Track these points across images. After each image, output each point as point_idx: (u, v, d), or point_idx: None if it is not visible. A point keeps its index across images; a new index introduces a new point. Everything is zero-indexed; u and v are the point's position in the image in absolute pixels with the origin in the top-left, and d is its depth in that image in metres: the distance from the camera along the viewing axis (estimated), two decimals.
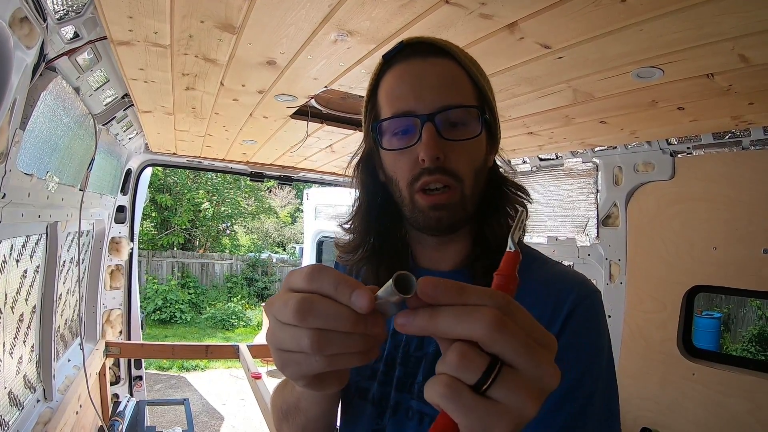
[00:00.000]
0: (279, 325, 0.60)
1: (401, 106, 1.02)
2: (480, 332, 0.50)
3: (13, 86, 1.60)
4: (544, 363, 0.51)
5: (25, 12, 1.50)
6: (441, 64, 1.03)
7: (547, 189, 3.54)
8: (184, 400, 5.25)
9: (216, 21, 1.60)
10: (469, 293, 0.52)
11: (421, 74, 1.02)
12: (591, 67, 1.79)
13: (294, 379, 0.66)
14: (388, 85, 1.06)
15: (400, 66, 1.05)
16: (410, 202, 1.04)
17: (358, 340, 0.57)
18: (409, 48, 1.05)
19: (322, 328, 0.57)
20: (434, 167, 0.99)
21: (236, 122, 2.95)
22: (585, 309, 0.97)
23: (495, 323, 0.50)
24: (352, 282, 0.57)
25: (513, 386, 0.50)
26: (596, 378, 0.93)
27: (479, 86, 1.06)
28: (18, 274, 2.47)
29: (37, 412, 2.72)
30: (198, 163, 4.69)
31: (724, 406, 2.45)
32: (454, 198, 1.01)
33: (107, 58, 2.22)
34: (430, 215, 1.02)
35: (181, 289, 16.77)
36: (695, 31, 1.42)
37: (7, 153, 1.74)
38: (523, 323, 0.52)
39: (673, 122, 2.35)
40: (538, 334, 0.53)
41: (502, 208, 1.11)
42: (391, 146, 1.05)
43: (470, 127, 1.02)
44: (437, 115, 0.99)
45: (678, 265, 2.70)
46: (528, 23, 1.48)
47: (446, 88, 1.01)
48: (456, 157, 1.00)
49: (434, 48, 1.05)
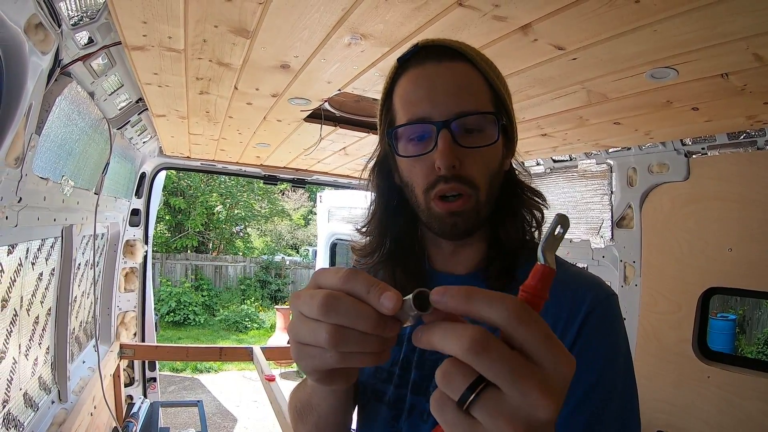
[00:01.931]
0: (302, 318, 0.62)
1: (417, 111, 1.01)
2: (459, 352, 0.49)
3: (28, 92, 1.61)
4: (533, 390, 0.48)
5: (40, 18, 1.51)
6: (456, 67, 1.02)
7: (561, 191, 3.52)
8: (197, 401, 5.28)
9: (230, 25, 1.61)
10: (477, 300, 0.51)
11: (436, 79, 1.01)
12: (605, 68, 1.78)
13: (307, 371, 0.68)
14: (403, 90, 1.06)
15: (415, 70, 1.04)
16: (426, 208, 1.04)
17: (374, 341, 0.59)
18: (424, 51, 1.05)
19: (343, 325, 0.58)
20: (450, 175, 0.98)
21: (250, 125, 2.97)
22: (602, 311, 0.97)
23: (474, 344, 0.49)
24: (384, 285, 0.58)
25: (494, 409, 0.48)
26: (614, 379, 0.93)
27: (495, 89, 1.05)
28: (34, 276, 2.49)
29: (52, 413, 2.74)
30: (212, 167, 4.72)
31: (739, 408, 2.43)
32: (469, 205, 1.01)
33: (121, 62, 2.24)
34: (446, 221, 1.02)
35: (195, 291, 16.88)
36: (709, 30, 1.41)
37: (23, 157, 1.75)
38: (528, 340, 0.50)
39: (687, 122, 2.33)
40: (545, 354, 0.50)
41: (517, 212, 1.11)
42: (406, 152, 1.05)
43: (487, 133, 1.01)
44: (453, 122, 0.98)
45: (693, 266, 2.68)
46: (541, 25, 1.48)
47: (462, 93, 1.00)
48: (472, 164, 1.00)
49: (449, 51, 1.04)
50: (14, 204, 1.81)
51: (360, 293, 0.59)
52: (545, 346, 0.50)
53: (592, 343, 0.94)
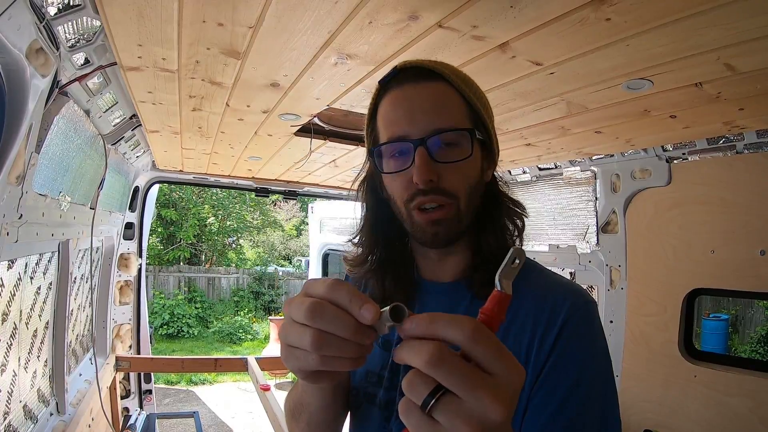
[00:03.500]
0: (291, 322, 0.69)
1: (396, 130, 1.06)
2: (421, 364, 0.57)
3: (29, 112, 1.67)
4: (484, 396, 0.56)
5: (41, 43, 1.57)
6: (433, 87, 1.07)
7: (548, 198, 3.57)
8: (194, 412, 5.28)
9: (221, 48, 1.67)
10: (438, 324, 0.60)
11: (414, 99, 1.06)
12: (582, 81, 1.83)
13: (294, 371, 0.74)
14: (384, 110, 1.11)
15: (394, 91, 1.09)
16: (408, 218, 1.09)
17: (352, 347, 0.66)
18: (402, 73, 1.09)
19: (326, 330, 0.66)
20: (428, 188, 1.03)
21: (242, 140, 3.01)
22: (579, 318, 1.01)
23: (431, 358, 0.56)
24: (364, 297, 0.66)
25: (452, 412, 0.56)
26: (591, 385, 0.97)
27: (472, 105, 1.10)
28: (32, 290, 2.53)
29: (51, 426, 2.77)
30: (204, 180, 4.75)
31: (726, 406, 2.46)
32: (449, 214, 1.06)
33: (116, 81, 2.29)
34: (427, 230, 1.07)
35: (188, 303, 16.78)
36: (680, 43, 1.46)
37: (24, 175, 1.80)
38: (482, 354, 0.58)
39: (666, 130, 2.38)
40: (497, 365, 0.58)
41: (498, 222, 1.15)
42: (388, 169, 1.10)
43: (462, 147, 1.05)
44: (429, 139, 1.03)
45: (677, 268, 2.72)
46: (518, 43, 1.54)
47: (438, 111, 1.05)
48: (450, 177, 1.04)
49: (426, 72, 1.08)
50: (15, 220, 1.86)
51: (343, 303, 0.66)
52: (497, 359, 0.58)
53: (569, 350, 0.98)
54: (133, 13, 1.45)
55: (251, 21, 1.47)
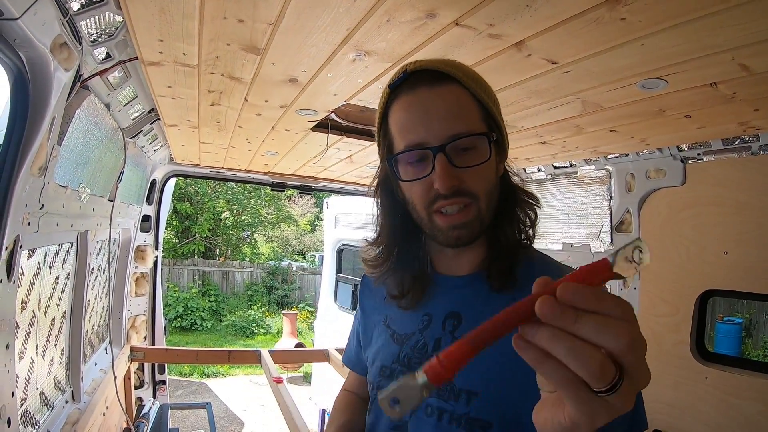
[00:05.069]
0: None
1: (413, 138, 1.07)
2: (619, 348, 0.54)
3: (52, 106, 1.70)
4: (647, 372, 0.57)
5: (65, 38, 1.60)
6: (447, 91, 1.07)
7: (562, 196, 3.58)
8: (206, 404, 5.32)
9: (241, 44, 1.69)
10: (607, 302, 0.55)
11: (429, 104, 1.07)
12: (597, 80, 1.84)
13: None
14: (397, 116, 1.11)
15: (407, 96, 1.10)
16: (429, 222, 1.10)
17: None
18: (414, 76, 1.10)
19: None
20: (450, 193, 1.05)
21: (259, 135, 3.03)
22: None
23: (632, 341, 0.54)
24: None
25: (625, 394, 0.55)
26: None
27: (484, 105, 1.11)
28: (51, 280, 2.57)
29: (66, 413, 2.81)
30: (221, 174, 4.78)
31: (737, 408, 2.45)
32: (471, 215, 1.08)
33: (136, 75, 2.32)
34: (450, 234, 1.09)
35: (202, 296, 16.90)
36: (694, 43, 1.46)
37: (46, 167, 1.84)
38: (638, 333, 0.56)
39: (681, 129, 2.37)
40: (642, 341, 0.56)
41: (513, 214, 1.17)
42: (406, 176, 1.11)
43: (479, 150, 1.07)
44: (448, 145, 1.04)
45: (690, 269, 2.71)
46: (534, 41, 1.55)
47: (454, 117, 1.06)
48: (471, 180, 1.06)
49: (438, 74, 1.09)
50: (37, 211, 1.90)
51: None
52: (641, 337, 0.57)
53: None
54: (155, 8, 1.48)
55: (271, 18, 1.49)
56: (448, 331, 1.13)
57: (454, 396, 1.05)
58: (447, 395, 1.06)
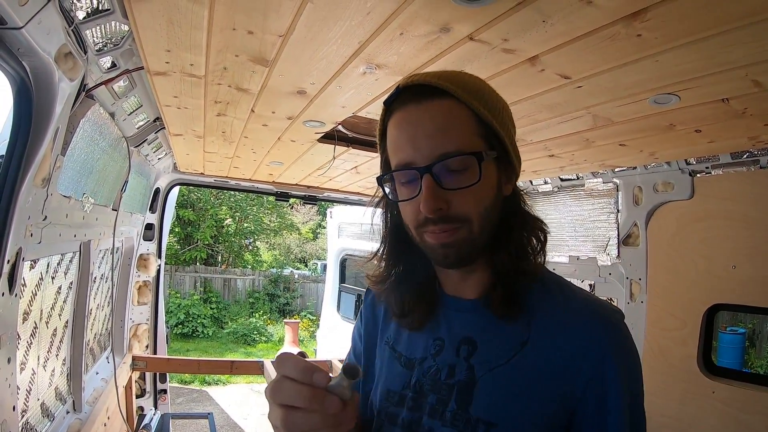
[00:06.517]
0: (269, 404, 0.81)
1: (402, 157, 1.02)
2: None
3: (56, 116, 1.68)
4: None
5: (70, 47, 1.58)
6: (437, 106, 1.00)
7: (569, 209, 3.56)
8: (208, 413, 5.29)
9: (250, 55, 1.67)
10: None
11: (417, 121, 1.01)
12: (609, 95, 1.83)
13: None
14: (390, 134, 1.06)
15: (399, 113, 1.03)
16: (420, 241, 1.06)
17: (318, 418, 0.77)
18: (405, 92, 1.04)
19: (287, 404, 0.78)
20: (437, 217, 0.99)
21: (264, 145, 3.02)
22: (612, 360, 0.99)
23: None
24: (312, 366, 0.78)
25: None
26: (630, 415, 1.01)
27: (483, 119, 1.02)
28: (53, 290, 2.55)
29: (67, 423, 2.79)
30: (225, 183, 4.77)
31: (744, 424, 2.43)
32: (460, 236, 1.01)
33: (141, 84, 2.31)
34: (439, 252, 1.04)
35: (204, 303, 16.85)
36: (708, 60, 1.46)
37: (49, 178, 1.82)
38: None
39: (690, 143, 2.36)
40: None
41: (514, 239, 1.09)
42: (400, 196, 1.07)
43: (472, 170, 0.99)
44: (435, 166, 0.98)
45: (698, 283, 2.69)
46: (548, 56, 1.53)
47: (442, 134, 0.99)
48: (461, 203, 1.00)
49: (429, 89, 1.01)
50: (40, 222, 1.88)
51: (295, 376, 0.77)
52: None
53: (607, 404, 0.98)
54: (163, 18, 1.46)
55: (282, 30, 1.47)
56: (463, 357, 1.07)
57: (471, 427, 1.01)
58: (464, 426, 1.01)
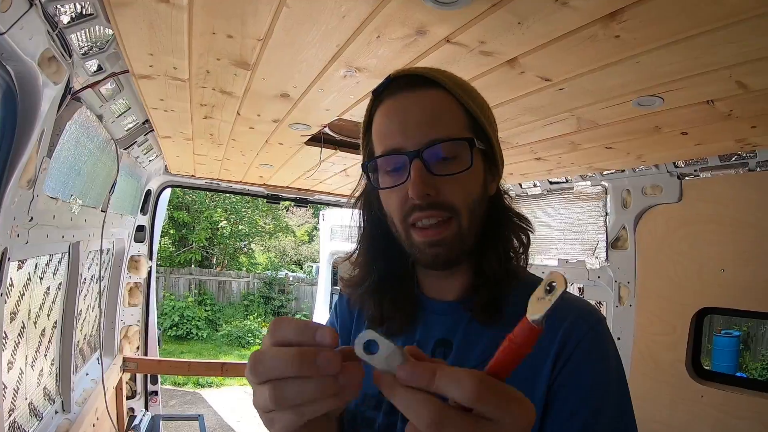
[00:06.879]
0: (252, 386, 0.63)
1: (390, 143, 1.01)
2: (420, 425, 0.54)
3: (41, 118, 1.69)
4: None
5: (53, 52, 1.59)
6: (428, 95, 1.01)
7: (558, 212, 3.56)
8: (198, 415, 5.28)
9: (231, 59, 1.69)
10: (441, 379, 0.55)
11: (408, 108, 1.00)
12: (592, 97, 1.83)
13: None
14: (378, 122, 1.05)
15: (388, 102, 1.03)
16: (406, 237, 1.03)
17: (312, 385, 0.58)
18: (396, 82, 1.04)
19: (275, 378, 0.59)
20: (425, 203, 0.97)
21: (253, 148, 3.03)
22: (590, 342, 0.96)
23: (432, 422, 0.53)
24: (314, 324, 0.60)
25: None
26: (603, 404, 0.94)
27: (471, 113, 1.03)
28: (41, 291, 2.56)
29: (56, 424, 2.79)
30: (216, 185, 4.78)
31: (733, 428, 2.42)
32: (450, 231, 1.00)
33: (129, 87, 2.32)
34: (427, 252, 1.01)
35: (198, 306, 16.80)
36: (691, 61, 1.46)
37: (35, 180, 1.83)
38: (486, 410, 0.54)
39: (678, 146, 2.37)
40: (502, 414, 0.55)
41: (500, 240, 1.09)
42: (384, 184, 1.04)
43: (461, 159, 0.99)
44: (425, 151, 0.97)
45: (686, 287, 2.69)
46: (527, 59, 1.54)
47: (433, 121, 0.99)
48: (449, 191, 0.98)
49: (421, 79, 1.02)
50: (26, 223, 1.89)
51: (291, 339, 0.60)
52: (503, 409, 0.54)
53: (581, 371, 0.94)
54: (144, 23, 1.47)
55: (260, 34, 1.49)
56: None
57: None
58: None
